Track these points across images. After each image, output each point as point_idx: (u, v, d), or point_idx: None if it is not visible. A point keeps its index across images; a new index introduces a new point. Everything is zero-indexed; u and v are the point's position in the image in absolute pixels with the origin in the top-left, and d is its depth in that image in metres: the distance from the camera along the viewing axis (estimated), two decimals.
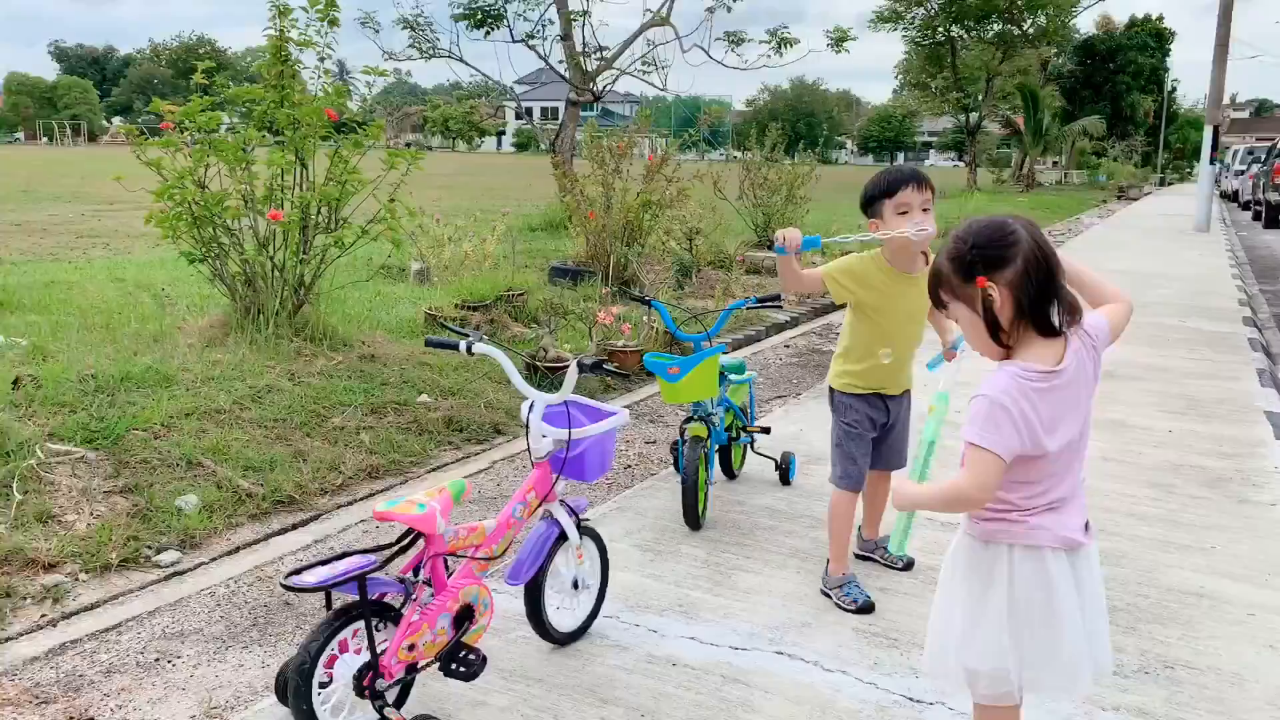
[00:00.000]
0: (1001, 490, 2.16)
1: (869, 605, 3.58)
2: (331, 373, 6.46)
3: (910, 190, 3.39)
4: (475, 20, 15.86)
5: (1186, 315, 10.33)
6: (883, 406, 3.70)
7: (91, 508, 4.58)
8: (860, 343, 3.63)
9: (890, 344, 3.55)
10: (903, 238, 3.35)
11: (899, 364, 3.64)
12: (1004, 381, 2.12)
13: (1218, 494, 4.89)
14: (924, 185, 3.42)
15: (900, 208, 3.40)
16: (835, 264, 3.61)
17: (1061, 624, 2.18)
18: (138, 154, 6.57)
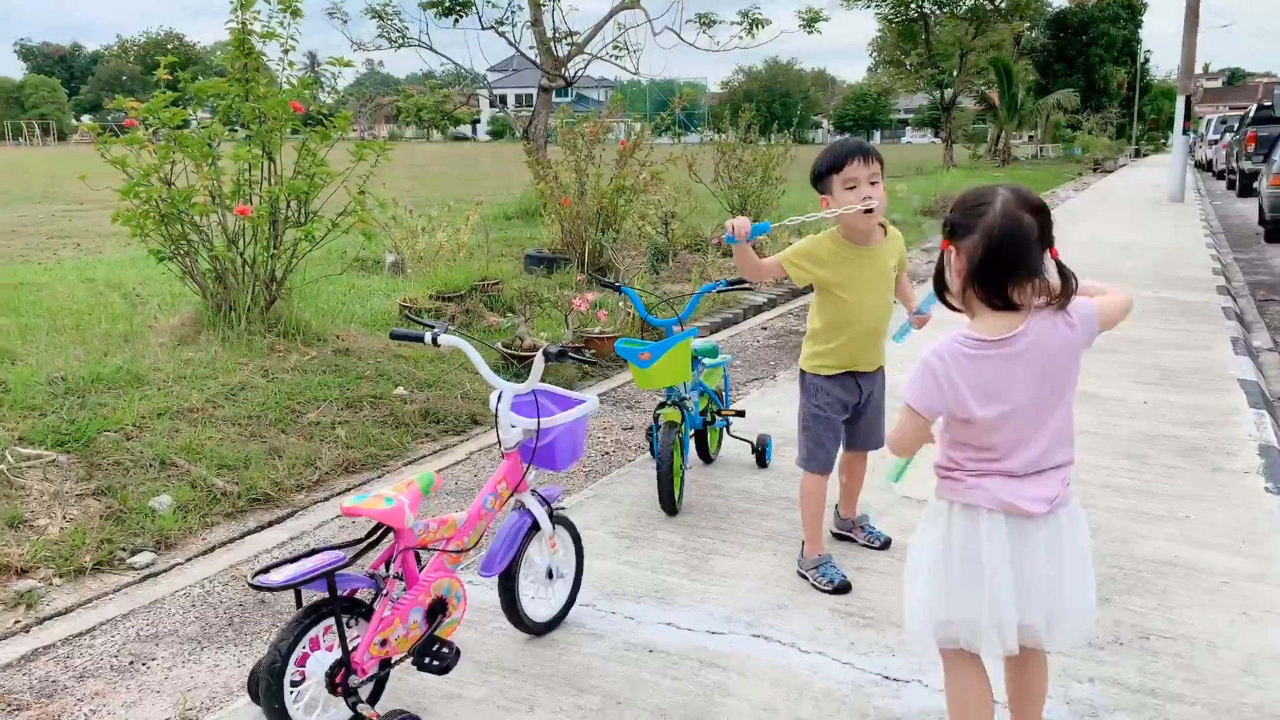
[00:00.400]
0: (950, 449, 2.29)
1: (845, 585, 3.58)
2: (305, 368, 6.41)
3: (857, 164, 3.39)
4: (443, 8, 15.74)
5: (1161, 285, 10.37)
6: (855, 386, 3.68)
7: (64, 511, 4.53)
8: (828, 322, 3.61)
9: (869, 317, 3.55)
10: (853, 212, 3.36)
11: (871, 337, 3.62)
12: (941, 344, 2.21)
13: (1192, 463, 4.91)
14: (870, 158, 3.41)
15: (848, 182, 3.40)
16: (792, 248, 3.61)
17: (982, 584, 2.23)
18: (101, 152, 6.49)
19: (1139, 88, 67.07)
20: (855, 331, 3.57)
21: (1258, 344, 8.39)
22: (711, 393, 4.70)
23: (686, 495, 4.43)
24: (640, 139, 10.73)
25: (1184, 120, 22.54)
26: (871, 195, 3.37)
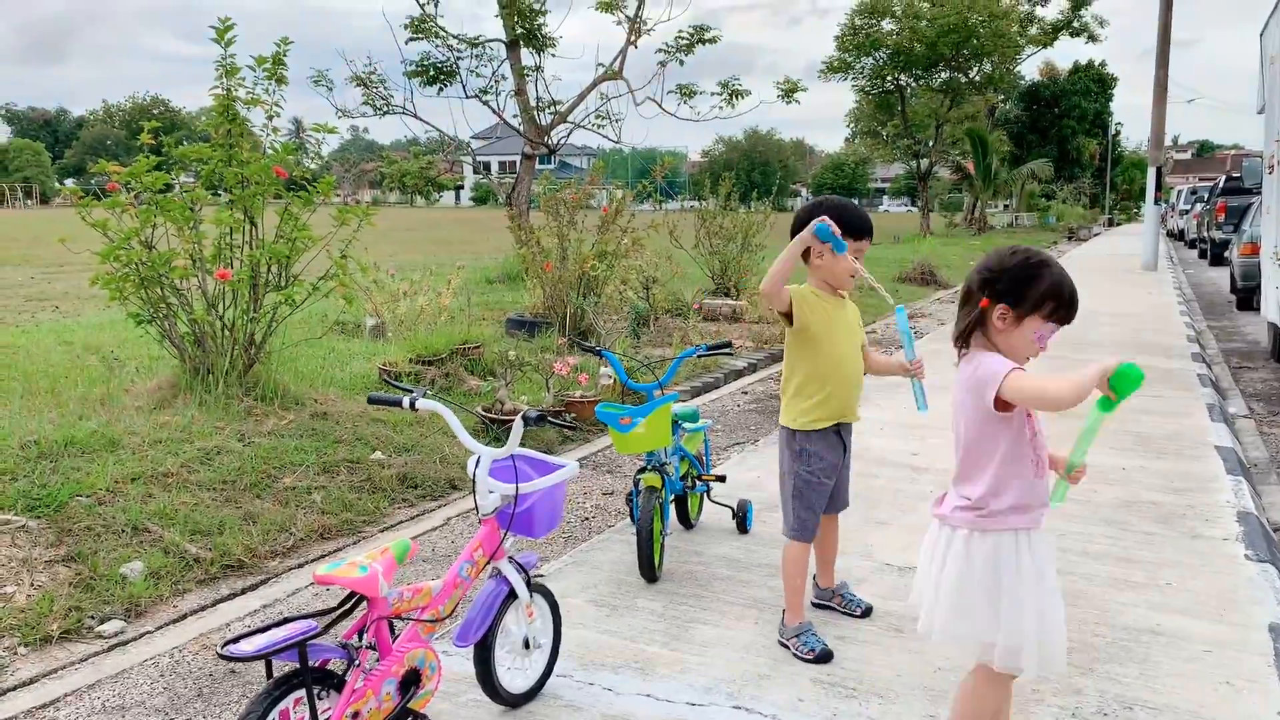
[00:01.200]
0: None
1: (827, 654, 3.54)
2: (282, 432, 6.36)
3: (866, 241, 3.67)
4: (428, 77, 15.94)
5: (1137, 352, 10.46)
6: (840, 442, 3.70)
7: (32, 578, 4.44)
8: (813, 373, 3.65)
9: (850, 365, 3.64)
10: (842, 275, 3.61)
11: (853, 386, 3.68)
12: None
13: (1171, 530, 4.91)
14: (869, 233, 3.69)
15: (857, 251, 3.60)
16: (794, 288, 3.66)
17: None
18: (83, 215, 6.49)
19: (1110, 158, 68.37)
20: (840, 379, 3.63)
21: (1233, 410, 8.45)
22: (692, 457, 4.69)
23: (666, 562, 4.39)
24: (621, 205, 10.83)
25: (1155, 190, 22.96)
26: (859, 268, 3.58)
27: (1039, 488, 2.56)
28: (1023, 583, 2.51)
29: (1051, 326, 2.52)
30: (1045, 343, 2.54)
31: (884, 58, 41.22)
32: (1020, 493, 2.53)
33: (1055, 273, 2.52)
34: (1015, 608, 2.50)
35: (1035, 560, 2.54)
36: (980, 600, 2.53)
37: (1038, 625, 2.50)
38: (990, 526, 2.54)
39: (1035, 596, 2.51)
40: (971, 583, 2.53)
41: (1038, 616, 2.50)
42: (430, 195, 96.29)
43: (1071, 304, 2.52)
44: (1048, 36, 46.36)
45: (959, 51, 40.12)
